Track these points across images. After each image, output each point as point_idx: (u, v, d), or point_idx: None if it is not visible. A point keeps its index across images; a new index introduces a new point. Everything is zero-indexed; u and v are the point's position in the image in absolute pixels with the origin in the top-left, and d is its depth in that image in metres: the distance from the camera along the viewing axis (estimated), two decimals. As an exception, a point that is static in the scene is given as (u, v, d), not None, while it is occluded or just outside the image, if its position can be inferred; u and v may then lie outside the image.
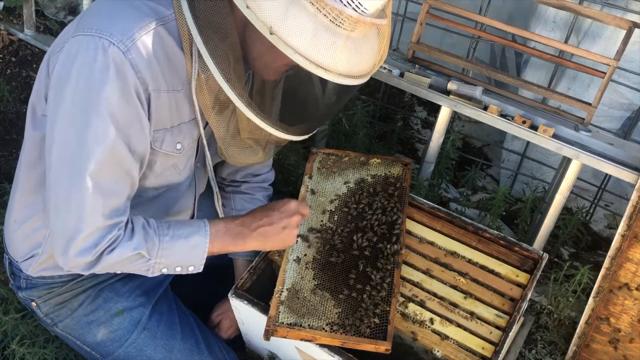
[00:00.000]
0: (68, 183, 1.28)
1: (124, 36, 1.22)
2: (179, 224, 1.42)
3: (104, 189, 1.28)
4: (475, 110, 1.84)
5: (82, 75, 1.22)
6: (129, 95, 1.24)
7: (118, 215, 1.32)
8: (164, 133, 1.37)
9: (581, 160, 1.75)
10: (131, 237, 1.35)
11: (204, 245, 1.41)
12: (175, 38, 1.28)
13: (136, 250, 1.34)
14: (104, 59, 1.21)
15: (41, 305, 1.61)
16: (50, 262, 1.54)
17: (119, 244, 1.33)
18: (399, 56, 2.00)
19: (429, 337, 1.49)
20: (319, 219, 1.66)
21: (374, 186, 1.72)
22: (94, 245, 1.30)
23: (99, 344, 1.62)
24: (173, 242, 1.39)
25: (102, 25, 1.23)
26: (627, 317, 1.70)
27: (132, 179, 1.35)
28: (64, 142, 1.27)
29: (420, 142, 2.69)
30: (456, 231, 1.69)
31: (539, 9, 2.18)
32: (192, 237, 1.40)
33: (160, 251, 1.38)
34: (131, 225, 1.36)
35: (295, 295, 1.50)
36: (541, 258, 1.61)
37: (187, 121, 1.41)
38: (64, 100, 1.25)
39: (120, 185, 1.32)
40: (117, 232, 1.33)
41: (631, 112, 2.14)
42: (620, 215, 1.69)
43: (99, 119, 1.23)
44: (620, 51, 1.71)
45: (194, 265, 1.43)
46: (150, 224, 1.39)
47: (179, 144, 1.42)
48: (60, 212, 1.31)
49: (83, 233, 1.29)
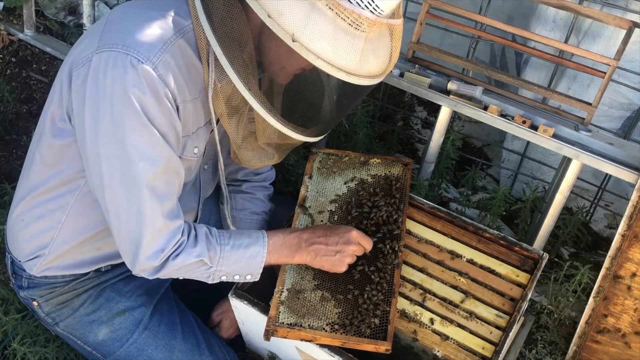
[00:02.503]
0: (125, 195, 1.32)
1: (151, 53, 1.25)
2: (239, 234, 1.48)
3: (160, 194, 1.34)
4: (475, 110, 1.84)
5: (116, 92, 1.26)
6: (163, 106, 1.29)
7: (174, 217, 1.38)
8: (186, 139, 1.41)
9: (581, 160, 1.75)
10: (195, 244, 1.40)
11: (262, 255, 1.46)
12: (192, 47, 1.32)
13: (199, 257, 1.39)
14: (134, 75, 1.24)
15: (42, 305, 1.61)
16: (55, 262, 1.54)
17: (183, 250, 1.39)
18: (399, 56, 1.99)
19: (429, 337, 1.49)
20: (319, 219, 1.66)
21: (374, 186, 1.72)
22: (161, 250, 1.36)
23: (100, 343, 1.62)
24: (233, 251, 1.44)
25: (128, 42, 1.26)
26: (627, 317, 1.70)
27: (180, 178, 1.40)
28: (111, 157, 1.30)
29: (420, 142, 2.69)
30: (456, 231, 1.69)
31: (539, 9, 2.18)
32: (251, 247, 1.46)
33: (221, 259, 1.43)
34: (194, 232, 1.42)
35: (295, 295, 1.50)
36: (541, 258, 1.61)
37: (202, 125, 1.44)
38: (104, 118, 1.28)
39: (172, 187, 1.37)
40: (181, 237, 1.38)
41: (631, 112, 2.14)
42: (620, 215, 1.69)
43: (142, 129, 1.28)
44: (620, 51, 1.71)
45: (252, 274, 1.48)
46: (212, 233, 1.45)
47: (196, 148, 1.46)
48: (123, 222, 1.35)
49: (146, 238, 1.34)
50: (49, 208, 1.50)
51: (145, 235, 1.34)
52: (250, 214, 1.81)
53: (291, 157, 2.15)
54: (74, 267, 1.56)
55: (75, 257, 1.55)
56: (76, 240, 1.52)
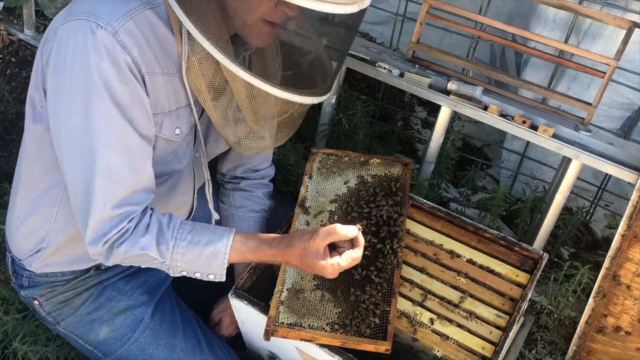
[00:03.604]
0: (81, 169, 1.29)
1: (112, 18, 1.21)
2: (202, 230, 1.38)
3: (114, 175, 1.28)
4: (475, 110, 1.84)
5: (76, 60, 1.23)
6: (124, 75, 1.24)
7: (128, 205, 1.31)
8: (162, 117, 1.36)
9: (581, 160, 1.75)
10: (143, 234, 1.33)
11: (223, 255, 1.36)
12: (165, 22, 1.28)
13: (142, 250, 1.33)
14: (93, 41, 1.20)
15: (43, 304, 1.61)
16: (53, 257, 1.54)
17: (128, 239, 1.32)
18: (399, 56, 2.00)
19: (429, 337, 1.49)
20: (319, 219, 1.66)
21: (374, 186, 1.72)
22: (103, 234, 1.30)
23: (101, 342, 1.62)
24: (190, 248, 1.35)
25: (91, 9, 1.23)
26: (627, 317, 1.70)
27: (145, 162, 1.33)
28: (70, 129, 1.27)
29: (420, 142, 2.69)
30: (456, 231, 1.69)
31: (539, 9, 2.18)
32: (210, 245, 1.36)
33: (174, 255, 1.35)
34: (148, 221, 1.34)
35: (295, 295, 1.50)
36: (541, 258, 1.61)
37: (183, 106, 1.40)
38: (63, 87, 1.25)
39: (131, 174, 1.30)
40: (128, 224, 1.31)
41: (631, 112, 2.14)
42: (620, 215, 1.69)
43: (99, 100, 1.23)
44: (620, 51, 1.71)
45: (214, 275, 1.39)
46: (170, 226, 1.36)
47: (177, 129, 1.41)
48: (77, 199, 1.32)
49: (92, 219, 1.29)
50: (39, 203, 1.49)
51: (91, 216, 1.29)
52: (248, 212, 1.81)
53: (291, 157, 2.15)
54: (73, 262, 1.56)
55: (73, 251, 1.54)
56: (71, 232, 1.50)
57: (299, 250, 1.35)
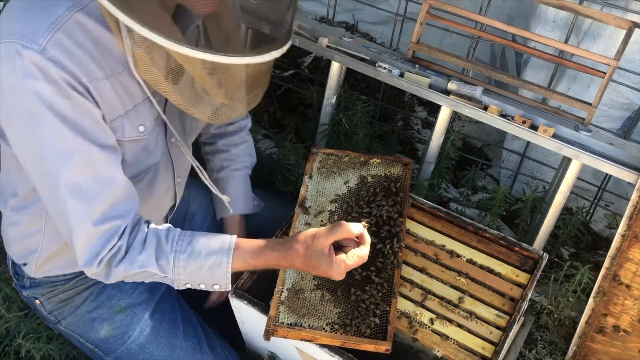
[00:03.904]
0: (51, 196, 1.26)
1: (36, 35, 1.14)
2: (202, 240, 1.33)
3: (84, 193, 1.23)
4: (475, 110, 1.84)
5: (10, 88, 1.17)
6: (64, 91, 1.17)
7: (111, 219, 1.26)
8: (121, 120, 1.30)
9: (581, 160, 1.75)
10: (140, 251, 1.30)
11: (226, 264, 1.32)
12: (99, 20, 1.19)
13: (142, 268, 1.30)
14: (22, 64, 1.13)
15: (45, 303, 1.61)
16: (50, 264, 1.54)
17: (126, 258, 1.29)
18: (399, 56, 2.00)
19: (429, 337, 1.49)
20: (319, 219, 1.66)
21: (374, 186, 1.72)
22: (95, 254, 1.27)
23: (102, 341, 1.62)
24: (191, 260, 1.31)
25: (15, 29, 1.15)
26: (627, 317, 1.70)
27: (114, 170, 1.27)
28: (27, 159, 1.24)
29: (420, 142, 2.69)
30: (456, 231, 1.70)
31: (539, 9, 2.18)
32: (212, 256, 1.32)
33: (176, 269, 1.32)
34: (144, 236, 1.31)
35: (295, 295, 1.50)
36: (541, 258, 1.61)
37: (141, 101, 1.33)
38: (8, 119, 1.21)
39: (103, 187, 1.25)
40: (118, 241, 1.28)
41: (631, 112, 2.14)
42: (620, 215, 1.69)
43: (45, 124, 1.17)
44: (620, 51, 1.71)
45: (219, 284, 1.35)
46: (168, 238, 1.32)
47: (141, 126, 1.35)
48: (59, 224, 1.30)
49: (77, 242, 1.27)
50: (28, 212, 1.47)
51: (76, 239, 1.26)
52: (230, 171, 1.78)
53: (291, 157, 2.15)
54: (69, 266, 1.56)
55: (68, 257, 1.53)
56: (62, 241, 1.47)
57: (302, 250, 1.31)
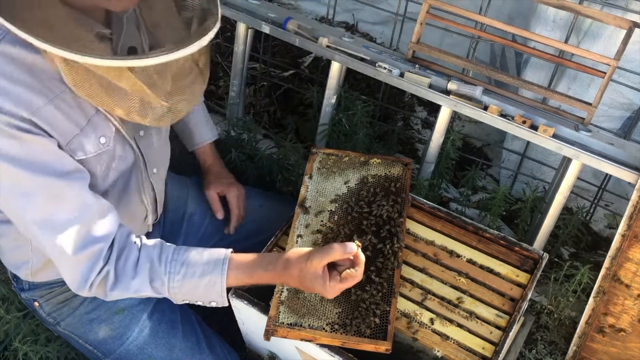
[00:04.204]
0: (26, 231, 1.28)
1: None
2: (196, 258, 1.32)
3: (55, 225, 1.22)
4: (475, 110, 1.84)
5: None
6: (8, 134, 1.14)
7: (92, 243, 1.25)
8: (78, 139, 1.27)
9: (581, 160, 1.75)
10: (133, 276, 1.29)
11: (220, 284, 1.32)
12: (24, 45, 1.13)
13: (137, 293, 1.30)
14: None
15: (43, 305, 1.61)
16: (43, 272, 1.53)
17: (119, 283, 1.29)
18: (399, 56, 2.00)
19: (429, 337, 1.49)
20: (319, 219, 1.66)
21: (374, 186, 1.72)
22: (83, 280, 1.27)
23: (100, 342, 1.62)
24: (185, 281, 1.31)
25: None
26: (627, 317, 1.70)
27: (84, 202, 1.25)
28: None
29: (420, 142, 2.69)
30: (456, 231, 1.69)
31: (539, 9, 2.18)
32: (206, 276, 1.31)
33: (171, 289, 1.32)
34: (135, 259, 1.30)
35: (295, 295, 1.50)
36: (541, 258, 1.61)
37: (94, 113, 1.29)
38: None
39: (73, 215, 1.23)
40: (105, 265, 1.27)
41: (631, 112, 2.14)
42: (620, 215, 1.69)
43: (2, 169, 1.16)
44: (620, 51, 1.71)
45: (216, 302, 1.36)
46: (162, 259, 1.31)
47: (102, 137, 1.31)
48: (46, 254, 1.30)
49: (63, 272, 1.28)
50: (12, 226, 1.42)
51: (62, 270, 1.27)
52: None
53: (291, 157, 2.15)
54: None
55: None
56: None
57: (296, 272, 1.30)
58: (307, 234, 1.63)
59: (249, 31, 2.22)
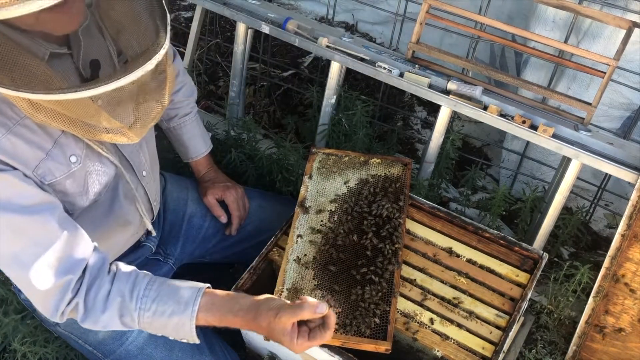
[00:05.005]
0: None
1: None
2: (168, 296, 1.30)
3: (24, 260, 1.21)
4: (475, 110, 1.84)
5: None
6: None
7: (61, 274, 1.24)
8: (45, 164, 1.25)
9: (581, 160, 1.75)
10: (103, 310, 1.29)
11: (188, 326, 1.30)
12: None
13: (106, 328, 1.30)
14: None
15: None
16: None
17: (88, 316, 1.29)
18: (399, 56, 2.00)
19: (429, 337, 1.49)
20: (319, 219, 1.66)
21: (374, 186, 1.72)
22: (54, 310, 1.27)
23: (100, 342, 1.62)
24: (155, 318, 1.31)
25: None
26: (627, 316, 1.70)
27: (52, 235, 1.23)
28: None
29: (420, 142, 2.69)
30: (456, 231, 1.69)
31: (539, 9, 2.18)
32: (174, 317, 1.30)
33: (141, 324, 1.32)
34: (106, 292, 1.29)
35: (295, 295, 1.50)
36: (541, 258, 1.61)
37: (60, 134, 1.27)
38: None
39: (41, 249, 1.22)
40: (74, 297, 1.27)
41: (631, 111, 2.14)
42: (620, 215, 1.69)
43: None
44: (620, 51, 1.71)
45: (187, 339, 1.35)
46: (134, 294, 1.30)
47: (72, 156, 1.30)
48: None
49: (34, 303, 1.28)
50: None
51: (34, 301, 1.28)
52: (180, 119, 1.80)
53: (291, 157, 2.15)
54: None
55: None
56: None
57: (265, 324, 1.27)
58: (307, 233, 1.63)
59: (249, 31, 2.22)
